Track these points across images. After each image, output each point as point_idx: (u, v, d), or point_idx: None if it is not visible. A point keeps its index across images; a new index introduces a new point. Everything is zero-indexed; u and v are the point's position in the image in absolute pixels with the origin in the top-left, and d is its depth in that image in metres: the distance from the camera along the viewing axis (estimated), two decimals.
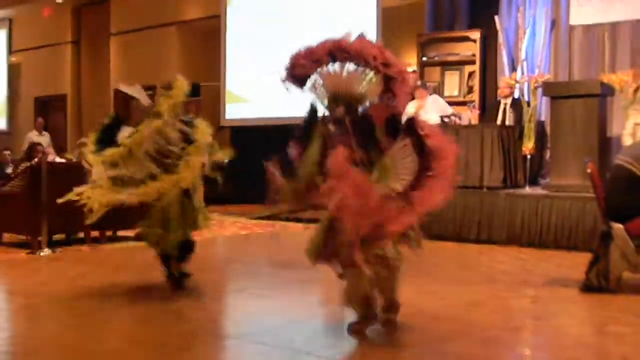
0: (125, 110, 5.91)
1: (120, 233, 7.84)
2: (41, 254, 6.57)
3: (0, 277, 5.77)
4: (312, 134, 3.52)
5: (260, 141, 9.41)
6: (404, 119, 3.49)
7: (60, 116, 15.94)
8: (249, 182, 6.54)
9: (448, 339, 3.55)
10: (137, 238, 7.60)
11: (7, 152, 10.62)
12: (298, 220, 9.45)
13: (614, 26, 8.47)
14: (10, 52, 16.99)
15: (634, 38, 8.29)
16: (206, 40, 13.42)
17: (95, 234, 7.41)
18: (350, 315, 3.66)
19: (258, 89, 12.16)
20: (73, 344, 3.53)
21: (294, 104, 10.25)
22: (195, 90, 12.91)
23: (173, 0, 13.68)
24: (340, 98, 3.47)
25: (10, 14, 16.72)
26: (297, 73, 3.55)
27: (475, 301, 4.54)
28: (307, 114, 3.64)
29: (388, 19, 10.67)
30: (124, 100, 6.70)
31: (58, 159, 9.84)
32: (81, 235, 7.44)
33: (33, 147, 8.37)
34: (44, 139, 11.77)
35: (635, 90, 6.73)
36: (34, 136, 11.74)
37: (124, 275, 5.54)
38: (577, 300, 4.62)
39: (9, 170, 9.41)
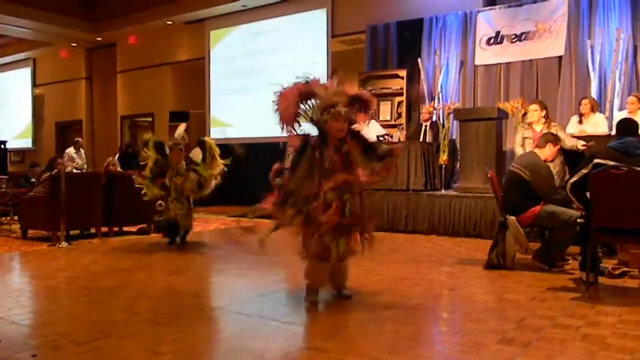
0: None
1: (126, 228, 7.66)
2: (59, 246, 6.36)
3: (25, 265, 5.54)
4: (301, 160, 3.42)
5: (235, 156, 9.26)
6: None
7: (76, 137, 15.53)
8: (229, 188, 6.46)
9: (384, 307, 3.53)
10: (139, 232, 7.47)
11: (39, 168, 9.98)
12: (267, 217, 9.37)
13: (508, 65, 8.59)
14: (34, 85, 16.51)
15: (522, 74, 8.44)
16: (194, 77, 13.24)
17: (104, 229, 7.21)
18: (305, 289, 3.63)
19: (234, 115, 12.10)
20: (83, 316, 3.39)
21: (261, 127, 10.14)
22: (185, 117, 12.76)
23: (167, 45, 13.47)
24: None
25: (34, 55, 16.25)
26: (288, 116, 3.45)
27: (403, 277, 4.53)
28: (299, 147, 3.46)
29: (336, 61, 10.69)
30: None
31: (75, 170, 9.57)
32: (93, 230, 7.23)
33: (54, 160, 8.07)
34: (80, 155, 11.15)
35: (524, 114, 6.85)
36: (72, 152, 11.04)
37: (127, 261, 5.38)
38: (482, 275, 4.65)
39: (33, 180, 9.06)
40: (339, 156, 3.43)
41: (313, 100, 3.49)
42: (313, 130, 3.52)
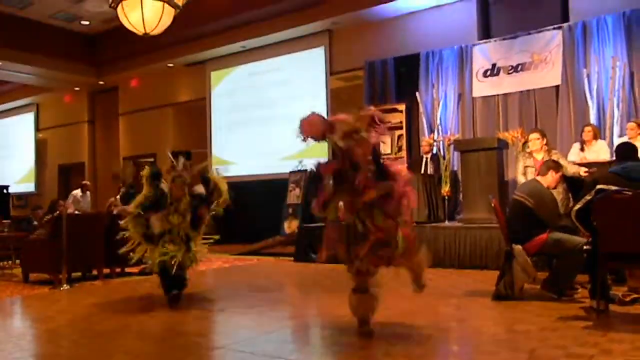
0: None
1: (128, 269, 7.58)
2: (61, 288, 6.27)
3: (26, 308, 5.46)
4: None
5: (237, 194, 9.25)
6: None
7: (79, 179, 15.42)
8: (232, 225, 6.39)
9: (394, 340, 3.45)
10: (141, 273, 7.39)
11: (41, 211, 9.89)
12: (270, 254, 9.28)
13: (505, 96, 8.66)
14: (37, 129, 16.67)
15: (520, 105, 8.49)
16: (195, 117, 13.35)
17: (106, 270, 7.14)
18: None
19: (236, 154, 12.14)
20: (84, 359, 3.31)
21: (263, 164, 10.10)
22: (187, 156, 12.74)
23: (168, 87, 13.64)
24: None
25: (38, 100, 16.46)
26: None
27: (412, 310, 4.45)
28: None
29: (335, 97, 10.76)
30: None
31: (76, 212, 9.53)
32: (95, 272, 7.15)
33: (56, 202, 8.04)
34: (85, 199, 11.05)
35: (524, 143, 6.85)
36: (78, 195, 10.95)
37: (129, 303, 5.30)
38: (490, 306, 4.56)
39: (35, 223, 9.01)
40: (364, 178, 3.51)
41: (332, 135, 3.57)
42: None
